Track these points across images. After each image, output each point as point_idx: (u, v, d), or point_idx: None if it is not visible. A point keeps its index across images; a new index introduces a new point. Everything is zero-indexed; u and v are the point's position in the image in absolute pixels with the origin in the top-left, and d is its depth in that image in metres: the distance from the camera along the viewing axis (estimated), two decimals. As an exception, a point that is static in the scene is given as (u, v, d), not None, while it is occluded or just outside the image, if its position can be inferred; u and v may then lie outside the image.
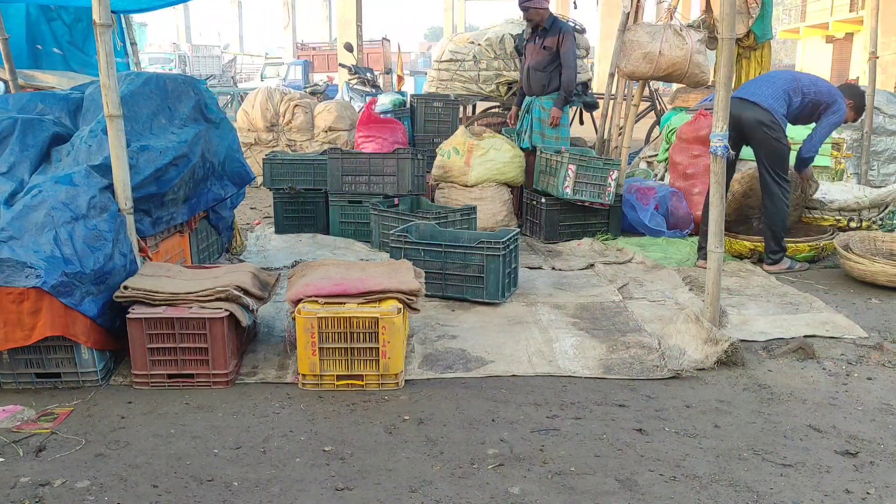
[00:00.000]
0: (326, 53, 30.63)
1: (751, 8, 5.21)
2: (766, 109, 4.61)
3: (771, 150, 4.70)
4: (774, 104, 4.66)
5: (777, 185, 4.74)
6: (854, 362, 3.49)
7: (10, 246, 3.06)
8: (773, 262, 4.91)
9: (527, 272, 4.96)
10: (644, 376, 3.32)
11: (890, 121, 8.11)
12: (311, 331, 3.11)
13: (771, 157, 4.71)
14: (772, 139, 4.67)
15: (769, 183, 4.77)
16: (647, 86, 8.67)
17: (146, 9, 6.16)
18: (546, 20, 6.04)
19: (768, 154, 4.71)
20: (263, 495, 2.39)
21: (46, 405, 3.03)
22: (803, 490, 2.42)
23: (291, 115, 8.90)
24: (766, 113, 4.61)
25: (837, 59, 29.50)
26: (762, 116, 4.61)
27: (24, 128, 3.64)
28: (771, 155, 4.71)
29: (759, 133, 4.65)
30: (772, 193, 4.78)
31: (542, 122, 6.11)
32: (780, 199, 4.76)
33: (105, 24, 3.29)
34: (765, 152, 4.72)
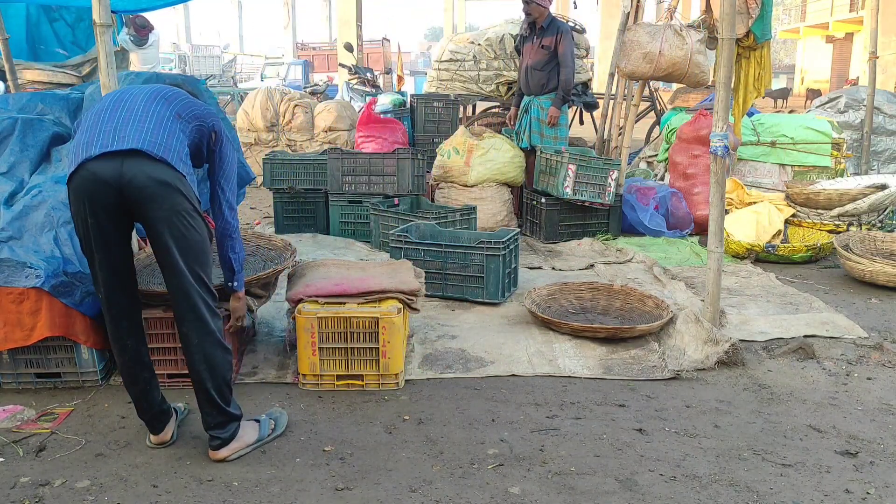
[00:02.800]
0: (326, 53, 30.63)
1: (751, 8, 5.19)
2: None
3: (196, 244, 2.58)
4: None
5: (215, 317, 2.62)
6: (854, 362, 3.49)
7: (10, 246, 3.06)
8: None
9: (527, 272, 4.96)
10: (644, 376, 3.32)
11: (890, 121, 8.12)
12: (311, 331, 3.11)
13: (197, 258, 2.57)
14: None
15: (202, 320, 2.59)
16: (647, 86, 8.67)
17: (146, 9, 6.15)
18: (545, 19, 6.04)
19: (189, 250, 2.55)
20: (263, 495, 2.39)
21: (46, 405, 3.03)
22: (803, 490, 2.42)
23: (291, 115, 8.90)
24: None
25: (837, 59, 29.52)
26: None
27: (24, 128, 3.64)
28: (196, 252, 2.58)
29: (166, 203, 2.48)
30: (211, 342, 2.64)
31: (540, 122, 6.12)
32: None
33: (105, 24, 3.29)
34: (185, 246, 2.54)
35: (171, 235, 2.42)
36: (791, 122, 7.12)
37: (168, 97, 2.55)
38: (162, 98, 2.53)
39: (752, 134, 6.94)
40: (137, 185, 2.36)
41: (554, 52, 5.99)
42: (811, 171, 6.89)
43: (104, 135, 2.39)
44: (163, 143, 2.41)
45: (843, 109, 8.20)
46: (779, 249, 5.21)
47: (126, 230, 2.53)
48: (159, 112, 2.48)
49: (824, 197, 5.68)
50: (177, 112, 2.52)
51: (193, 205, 2.47)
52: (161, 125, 2.45)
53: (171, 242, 2.43)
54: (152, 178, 2.37)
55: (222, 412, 2.60)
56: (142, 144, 2.37)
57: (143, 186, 2.37)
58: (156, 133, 2.42)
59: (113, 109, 2.47)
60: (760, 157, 6.93)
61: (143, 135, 2.39)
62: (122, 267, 2.53)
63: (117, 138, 2.38)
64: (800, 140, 6.91)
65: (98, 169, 2.36)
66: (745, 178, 6.83)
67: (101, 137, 2.39)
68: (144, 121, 2.43)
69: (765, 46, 5.59)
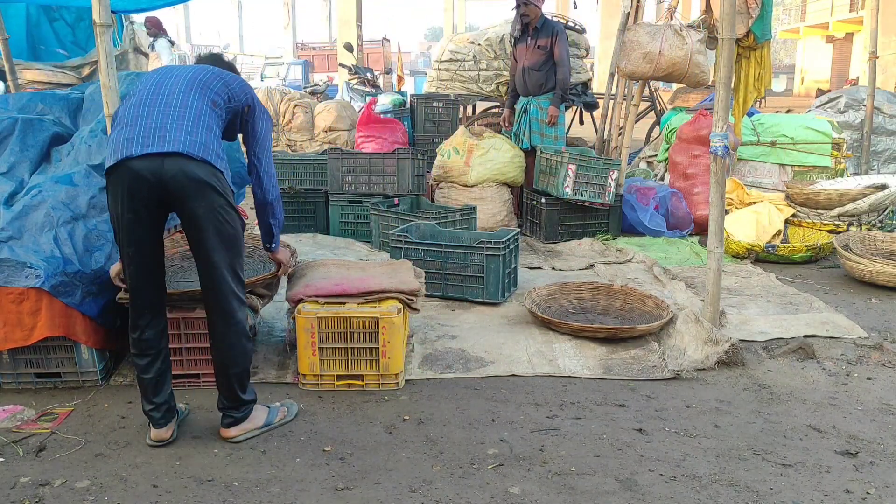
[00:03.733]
0: (326, 53, 30.63)
1: (751, 8, 5.19)
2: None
3: (231, 240, 2.66)
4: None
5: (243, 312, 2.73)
6: (854, 362, 3.49)
7: (10, 246, 3.06)
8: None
9: (527, 272, 4.96)
10: (644, 376, 3.32)
11: (890, 121, 8.12)
12: (311, 331, 3.11)
13: (229, 255, 2.65)
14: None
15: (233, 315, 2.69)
16: (647, 86, 8.67)
17: (146, 9, 6.16)
18: (538, 20, 6.04)
19: (227, 247, 2.64)
20: (263, 495, 2.39)
21: (46, 405, 3.03)
22: (803, 490, 2.42)
23: (291, 115, 8.91)
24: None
25: (837, 59, 29.51)
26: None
27: (25, 128, 3.64)
28: (230, 248, 2.65)
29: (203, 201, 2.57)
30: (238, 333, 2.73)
31: (539, 122, 6.12)
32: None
33: (105, 24, 3.29)
34: (223, 242, 2.63)
35: (208, 231, 2.52)
36: (791, 122, 7.12)
37: (204, 84, 2.61)
38: (199, 87, 2.59)
39: (752, 134, 6.94)
40: (178, 183, 2.45)
41: (550, 52, 5.99)
42: (811, 171, 6.89)
43: (145, 133, 2.46)
44: (201, 142, 2.50)
45: (843, 109, 8.20)
46: (779, 249, 5.21)
47: (160, 226, 2.61)
48: (196, 105, 2.55)
49: (824, 197, 5.68)
50: (212, 100, 2.60)
51: (229, 200, 2.56)
52: (199, 121, 2.52)
53: (207, 237, 2.52)
54: (191, 177, 2.46)
55: (238, 398, 2.72)
56: (182, 146, 2.45)
57: (183, 185, 2.46)
58: (195, 131, 2.50)
59: (152, 104, 2.53)
60: (760, 157, 6.93)
61: (183, 134, 2.47)
62: (153, 262, 2.61)
63: (158, 138, 2.45)
64: (800, 140, 6.91)
65: (139, 167, 2.44)
66: (745, 178, 6.83)
67: (143, 135, 2.46)
68: (183, 117, 2.50)
69: (765, 46, 5.59)
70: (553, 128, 6.12)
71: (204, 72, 2.67)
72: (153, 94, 2.56)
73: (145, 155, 2.43)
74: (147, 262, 2.58)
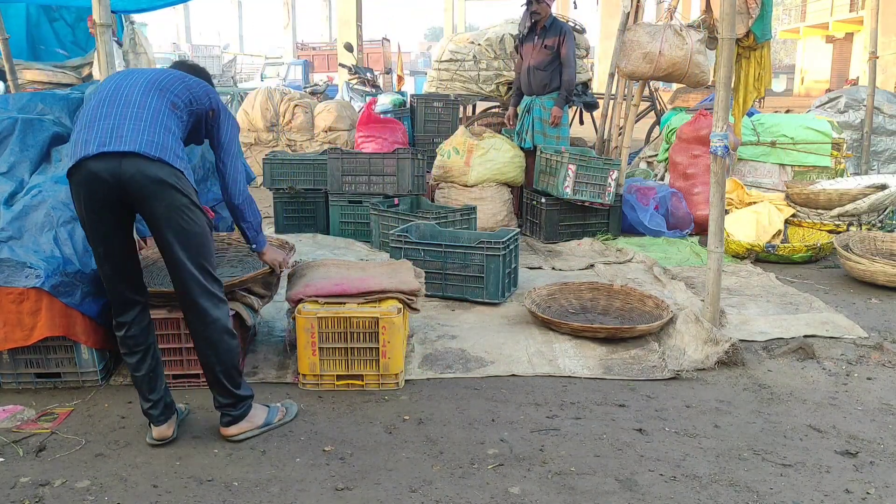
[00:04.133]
0: (326, 53, 30.64)
1: (751, 8, 5.19)
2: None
3: (195, 236, 2.60)
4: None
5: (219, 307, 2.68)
6: (854, 362, 3.49)
7: (10, 246, 3.06)
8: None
9: (527, 272, 4.96)
10: (644, 376, 3.32)
11: (890, 121, 8.12)
12: (311, 331, 3.11)
13: (197, 251, 2.60)
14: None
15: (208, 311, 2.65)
16: (647, 86, 8.67)
17: (146, 9, 6.15)
18: (547, 19, 6.04)
19: (190, 244, 2.59)
20: (263, 495, 2.39)
21: (46, 405, 3.03)
22: (803, 490, 2.42)
23: (291, 115, 8.91)
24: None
25: (837, 59, 29.51)
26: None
27: (25, 128, 3.64)
28: (196, 245, 2.60)
29: (163, 201, 2.53)
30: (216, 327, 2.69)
31: (543, 122, 6.11)
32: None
33: (105, 24, 3.29)
34: (184, 240, 2.59)
35: (171, 230, 2.50)
36: (791, 122, 7.12)
37: (164, 86, 2.58)
38: (157, 88, 2.56)
39: (752, 134, 6.94)
40: (136, 184, 2.43)
41: (557, 52, 5.98)
42: (811, 171, 6.89)
43: (102, 133, 2.44)
44: (159, 141, 2.46)
45: (843, 109, 8.20)
46: (779, 249, 5.21)
47: (126, 224, 2.59)
48: (155, 106, 2.51)
49: (824, 197, 5.68)
50: (172, 102, 2.56)
51: (191, 199, 2.53)
52: (157, 121, 2.49)
53: (172, 237, 2.50)
54: (149, 177, 2.43)
55: (231, 394, 2.71)
56: (139, 146, 2.42)
57: (142, 186, 2.43)
58: (152, 131, 2.46)
59: (110, 103, 2.51)
60: (760, 157, 6.93)
61: (139, 135, 2.44)
62: (124, 259, 2.59)
63: (115, 137, 2.42)
64: (800, 140, 6.91)
65: (96, 168, 2.42)
66: (745, 178, 6.84)
67: (99, 136, 2.43)
68: (140, 118, 2.47)
69: (765, 46, 5.59)
70: (556, 128, 6.12)
71: (165, 74, 2.64)
72: (111, 95, 2.54)
73: (102, 154, 2.40)
74: (118, 261, 2.57)
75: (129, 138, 2.43)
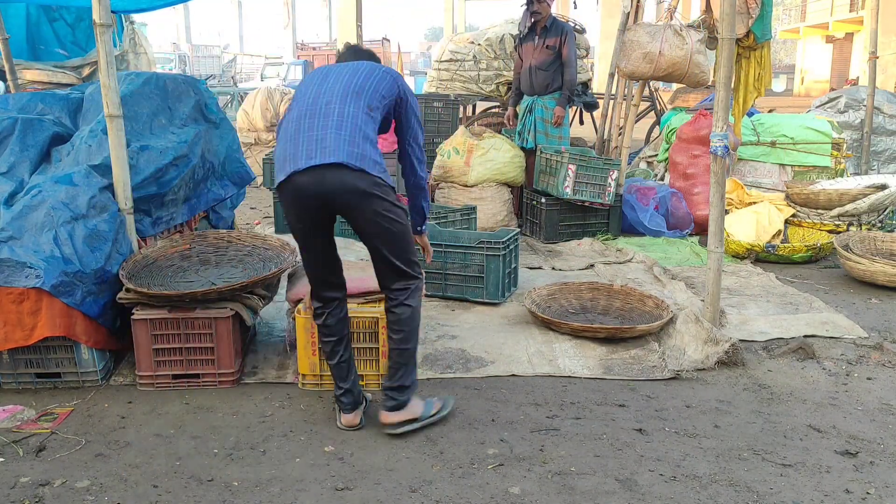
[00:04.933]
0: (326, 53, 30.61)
1: (751, 8, 5.19)
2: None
3: (394, 233, 2.76)
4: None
5: (413, 281, 2.85)
6: (854, 362, 3.49)
7: (10, 246, 3.06)
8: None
9: (527, 272, 4.96)
10: (644, 376, 3.32)
11: (890, 121, 8.12)
12: (311, 330, 3.11)
13: (398, 245, 2.77)
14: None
15: (403, 289, 2.82)
16: (647, 86, 8.67)
17: (146, 9, 6.14)
18: (548, 19, 6.04)
19: (392, 240, 2.75)
20: (263, 495, 2.39)
21: (46, 405, 3.03)
22: (803, 490, 2.42)
23: (291, 115, 8.89)
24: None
25: (837, 59, 29.52)
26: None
27: (25, 128, 3.64)
28: (396, 240, 2.77)
29: (367, 207, 2.69)
30: (411, 297, 2.84)
31: (545, 122, 6.11)
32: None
33: (105, 24, 3.29)
34: (387, 238, 2.75)
35: (377, 235, 2.68)
36: (791, 122, 7.12)
37: (358, 90, 2.71)
38: (353, 93, 2.70)
39: (752, 134, 6.93)
40: (339, 195, 2.60)
41: (558, 52, 5.97)
42: (811, 171, 6.89)
43: (308, 146, 2.60)
44: (359, 152, 2.61)
45: (843, 109, 8.20)
46: (779, 249, 5.21)
47: (330, 228, 2.77)
48: (353, 113, 2.66)
49: (824, 197, 5.68)
50: (368, 105, 2.71)
51: (391, 200, 2.67)
52: (356, 130, 2.64)
53: (378, 242, 2.70)
54: (351, 188, 2.59)
55: (406, 377, 2.81)
56: (342, 157, 2.57)
57: (345, 198, 2.60)
58: (352, 142, 2.60)
59: (311, 115, 2.66)
60: (760, 157, 6.92)
61: (342, 146, 2.59)
62: (326, 258, 2.80)
63: (319, 150, 2.58)
64: (800, 140, 6.91)
65: (303, 183, 2.59)
66: (745, 178, 6.83)
67: (306, 149, 2.60)
68: (341, 127, 2.62)
69: (765, 46, 5.59)
70: (558, 128, 6.11)
71: (357, 76, 2.75)
72: (312, 106, 2.68)
73: (308, 169, 2.56)
74: (324, 261, 2.78)
75: (332, 149, 2.58)
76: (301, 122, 2.66)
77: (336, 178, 2.57)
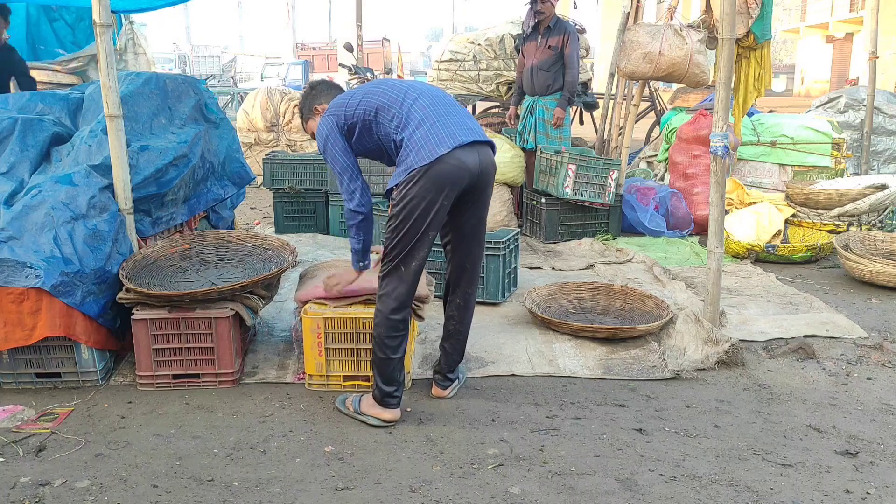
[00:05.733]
0: (326, 53, 30.66)
1: (751, 8, 5.19)
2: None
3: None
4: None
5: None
6: (854, 362, 3.49)
7: (10, 246, 3.06)
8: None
9: (527, 272, 4.96)
10: (644, 376, 3.32)
11: (890, 121, 8.12)
12: (318, 331, 3.11)
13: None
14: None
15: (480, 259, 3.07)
16: (647, 86, 8.67)
17: (146, 9, 6.15)
18: (551, 18, 6.03)
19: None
20: (263, 495, 2.39)
21: (46, 405, 3.03)
22: (803, 490, 2.42)
23: (291, 115, 8.90)
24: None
25: (837, 59, 29.52)
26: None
27: (24, 128, 3.64)
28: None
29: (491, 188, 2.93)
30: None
31: (545, 123, 6.10)
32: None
33: (105, 24, 3.29)
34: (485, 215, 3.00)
35: (484, 213, 2.92)
36: (791, 122, 7.12)
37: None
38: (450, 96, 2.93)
39: (752, 134, 6.94)
40: (486, 171, 2.78)
41: (560, 52, 5.96)
42: (811, 171, 6.89)
43: (456, 126, 2.69)
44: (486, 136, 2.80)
45: (843, 109, 8.20)
46: (779, 249, 5.21)
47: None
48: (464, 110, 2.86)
49: (824, 197, 5.68)
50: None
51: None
52: (473, 118, 2.86)
53: (482, 218, 2.92)
54: (493, 165, 2.83)
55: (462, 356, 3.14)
56: (484, 137, 2.77)
57: (489, 173, 2.80)
58: (478, 126, 2.81)
59: (437, 102, 2.76)
60: (760, 157, 6.93)
61: (479, 128, 2.78)
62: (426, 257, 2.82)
63: (468, 129, 2.71)
64: (800, 140, 6.91)
65: (464, 157, 2.67)
66: (745, 178, 6.84)
67: (456, 128, 2.69)
68: (467, 114, 2.81)
69: (765, 46, 5.59)
70: (559, 129, 6.11)
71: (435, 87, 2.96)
72: (431, 95, 2.78)
73: (471, 144, 2.69)
74: (425, 257, 2.80)
75: (477, 130, 2.75)
76: (434, 108, 2.72)
77: (486, 155, 2.76)
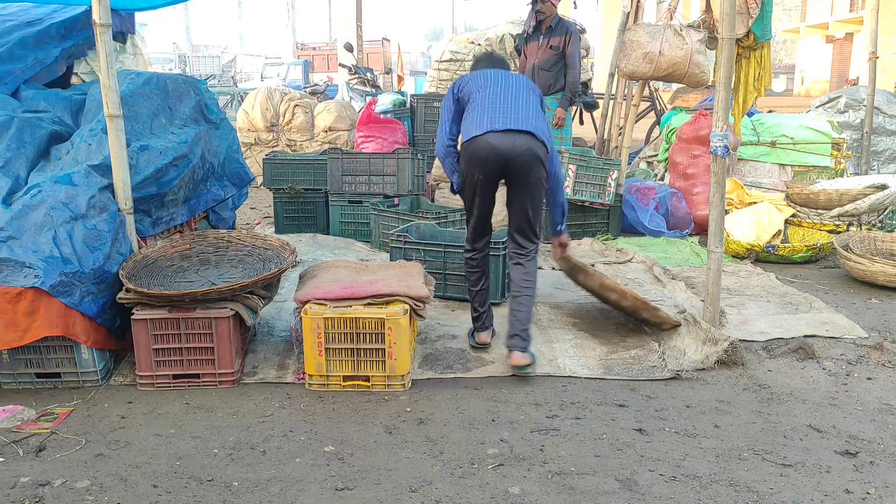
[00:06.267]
0: (326, 53, 30.62)
1: (751, 8, 5.19)
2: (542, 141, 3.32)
3: (539, 199, 3.41)
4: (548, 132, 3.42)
5: (534, 245, 3.47)
6: (854, 362, 3.49)
7: (10, 246, 3.05)
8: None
9: (527, 272, 4.95)
10: (644, 376, 3.32)
11: (890, 121, 8.12)
12: (318, 331, 3.11)
13: (537, 209, 3.40)
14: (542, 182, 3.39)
15: (528, 245, 3.45)
16: (647, 86, 8.67)
17: (146, 8, 6.14)
18: (553, 18, 6.03)
19: (536, 204, 3.39)
20: (263, 495, 2.39)
21: (46, 405, 3.03)
22: (803, 490, 2.42)
23: (291, 115, 8.90)
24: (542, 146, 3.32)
25: (837, 59, 29.51)
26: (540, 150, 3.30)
27: (22, 124, 3.63)
28: (538, 205, 3.41)
29: (535, 173, 3.31)
30: (533, 259, 3.47)
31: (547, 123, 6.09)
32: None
33: (105, 23, 3.29)
34: (533, 201, 3.38)
35: (529, 197, 3.33)
36: (791, 122, 7.12)
37: (532, 87, 3.50)
38: (532, 90, 3.46)
39: (752, 134, 6.94)
40: (521, 157, 3.24)
41: (562, 52, 5.96)
42: (811, 171, 6.89)
43: (504, 115, 3.27)
44: (541, 128, 3.31)
45: (843, 109, 8.20)
46: (779, 249, 5.21)
47: (497, 185, 3.40)
48: (534, 102, 3.39)
49: (824, 197, 5.68)
50: (539, 99, 3.46)
51: (545, 176, 3.36)
52: (538, 114, 3.36)
53: (529, 200, 3.33)
54: (533, 153, 3.25)
55: (530, 321, 3.41)
56: (530, 127, 3.26)
57: (525, 159, 3.25)
58: (537, 120, 3.32)
59: (504, 94, 3.34)
60: (760, 157, 6.93)
61: (530, 120, 3.28)
62: (490, 208, 3.47)
63: (513, 119, 3.26)
64: (800, 140, 6.91)
65: (496, 141, 3.23)
66: (745, 178, 6.83)
67: (502, 116, 3.26)
68: (529, 107, 3.33)
69: (765, 46, 5.59)
70: (560, 129, 6.10)
71: (522, 79, 3.50)
72: (504, 88, 3.36)
73: (505, 131, 3.22)
74: (487, 208, 3.44)
75: (524, 121, 3.26)
76: (496, 98, 3.30)
77: (524, 142, 3.22)
